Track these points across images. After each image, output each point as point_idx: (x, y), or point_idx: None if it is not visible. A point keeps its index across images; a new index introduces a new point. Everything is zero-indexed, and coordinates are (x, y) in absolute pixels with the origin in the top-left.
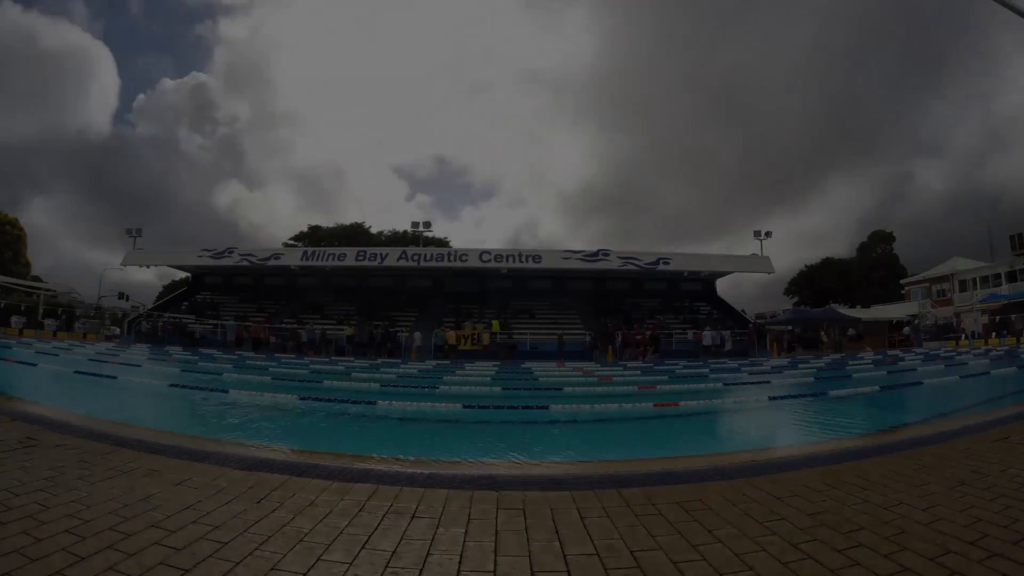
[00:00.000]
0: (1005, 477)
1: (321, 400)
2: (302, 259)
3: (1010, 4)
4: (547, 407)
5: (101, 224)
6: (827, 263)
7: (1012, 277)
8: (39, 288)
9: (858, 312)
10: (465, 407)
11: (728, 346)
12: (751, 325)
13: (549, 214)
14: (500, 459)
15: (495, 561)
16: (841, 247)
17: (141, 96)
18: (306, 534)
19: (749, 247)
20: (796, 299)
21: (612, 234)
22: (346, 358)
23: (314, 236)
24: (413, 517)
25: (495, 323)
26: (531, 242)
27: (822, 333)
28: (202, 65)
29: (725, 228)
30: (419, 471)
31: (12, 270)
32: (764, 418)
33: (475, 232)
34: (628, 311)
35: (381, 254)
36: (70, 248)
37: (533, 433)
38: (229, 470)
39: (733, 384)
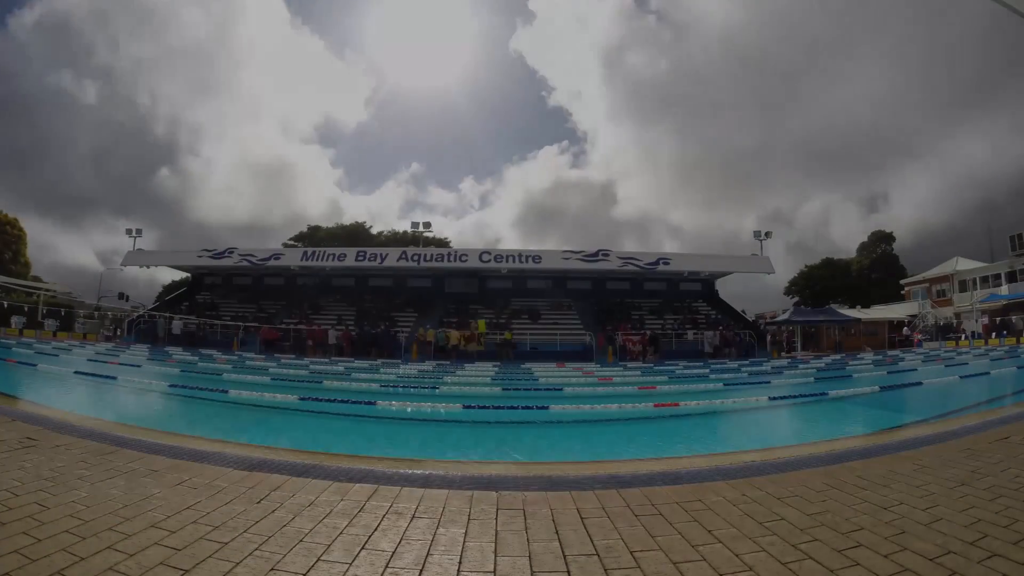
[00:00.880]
0: (1005, 477)
1: (321, 400)
2: (302, 259)
3: (1010, 4)
4: (547, 407)
5: None
6: (827, 263)
7: (1012, 277)
8: (39, 288)
9: (858, 312)
10: (465, 407)
11: (729, 347)
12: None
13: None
14: (500, 459)
15: (495, 561)
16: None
17: None
18: (306, 534)
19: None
20: (796, 299)
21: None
22: (345, 358)
23: (314, 237)
24: (413, 517)
25: (480, 323)
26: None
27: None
28: None
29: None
30: (419, 471)
31: (12, 270)
32: (764, 418)
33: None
34: (628, 311)
35: (381, 254)
36: None
37: (533, 433)
38: (229, 470)
39: (733, 385)
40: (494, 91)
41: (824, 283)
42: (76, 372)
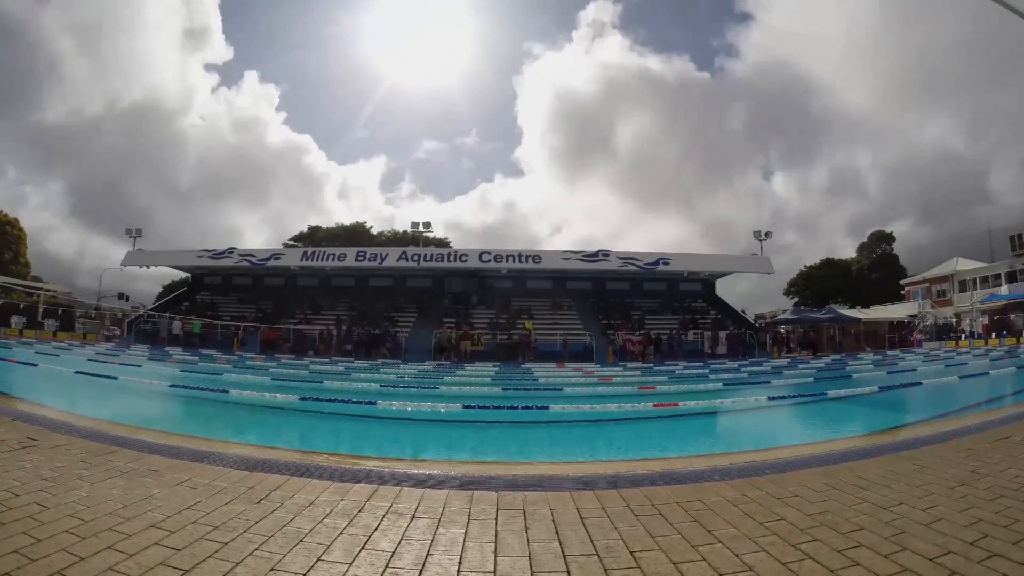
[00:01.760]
0: (1005, 477)
1: (321, 400)
2: (302, 259)
3: (1010, 4)
4: (547, 407)
5: None
6: (827, 263)
7: (1012, 277)
8: (39, 288)
9: (858, 312)
10: (465, 407)
11: (726, 346)
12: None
13: None
14: (500, 459)
15: (495, 561)
16: None
17: None
18: (306, 534)
19: None
20: (796, 299)
21: None
22: (346, 359)
23: (314, 237)
24: (413, 517)
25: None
26: None
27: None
28: None
29: None
30: (419, 471)
31: (12, 270)
32: (763, 418)
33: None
34: (628, 311)
35: (381, 254)
36: None
37: (533, 433)
38: (229, 470)
39: (733, 385)
40: None
41: (824, 283)
42: (77, 372)
